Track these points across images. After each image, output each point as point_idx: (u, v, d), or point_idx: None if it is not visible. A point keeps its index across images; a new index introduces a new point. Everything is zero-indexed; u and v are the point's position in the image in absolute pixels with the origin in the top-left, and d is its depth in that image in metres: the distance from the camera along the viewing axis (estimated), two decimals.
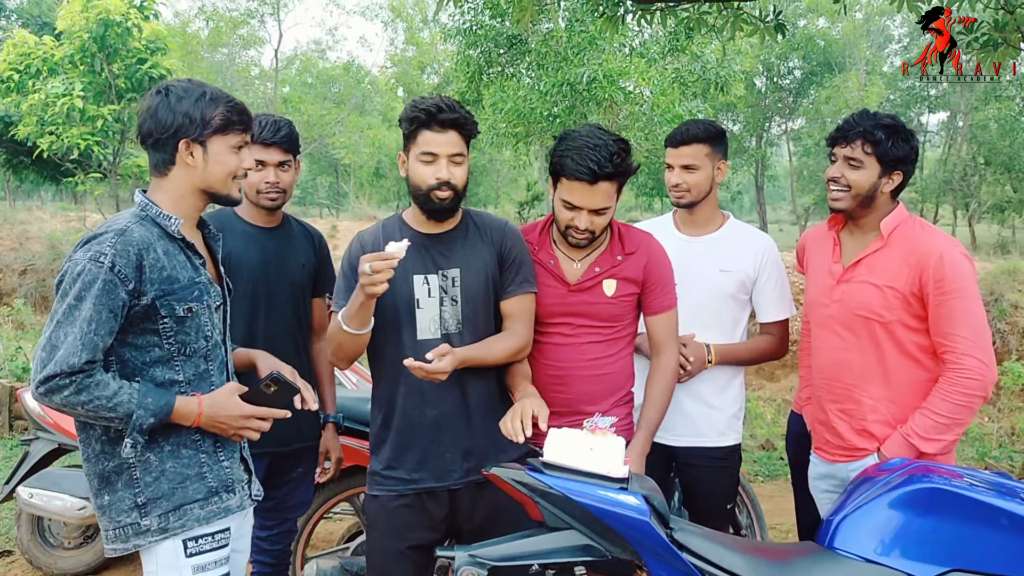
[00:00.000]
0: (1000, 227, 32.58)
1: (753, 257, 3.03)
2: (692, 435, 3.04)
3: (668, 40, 13.72)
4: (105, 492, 2.10)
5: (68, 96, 9.36)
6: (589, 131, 2.48)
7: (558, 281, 2.64)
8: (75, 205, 18.07)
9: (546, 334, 2.67)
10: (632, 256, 2.65)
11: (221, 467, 2.20)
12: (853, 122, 2.64)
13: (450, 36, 15.04)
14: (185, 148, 2.09)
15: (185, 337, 2.11)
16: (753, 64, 23.15)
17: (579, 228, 2.51)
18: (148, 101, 2.13)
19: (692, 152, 2.97)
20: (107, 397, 1.95)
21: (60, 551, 4.22)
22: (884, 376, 2.63)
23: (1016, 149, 27.19)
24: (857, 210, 2.67)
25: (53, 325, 1.96)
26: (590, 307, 2.62)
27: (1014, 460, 6.65)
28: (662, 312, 2.69)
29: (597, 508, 2.02)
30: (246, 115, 2.19)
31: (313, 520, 3.53)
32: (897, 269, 2.58)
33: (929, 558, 2.02)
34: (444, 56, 30.53)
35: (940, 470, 2.24)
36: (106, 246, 1.97)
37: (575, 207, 2.48)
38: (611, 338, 2.66)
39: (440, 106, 2.39)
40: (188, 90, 2.11)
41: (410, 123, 2.41)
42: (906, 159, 2.61)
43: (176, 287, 2.07)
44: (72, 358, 1.91)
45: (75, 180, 10.53)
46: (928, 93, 31.17)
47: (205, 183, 2.15)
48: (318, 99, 32.19)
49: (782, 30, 4.87)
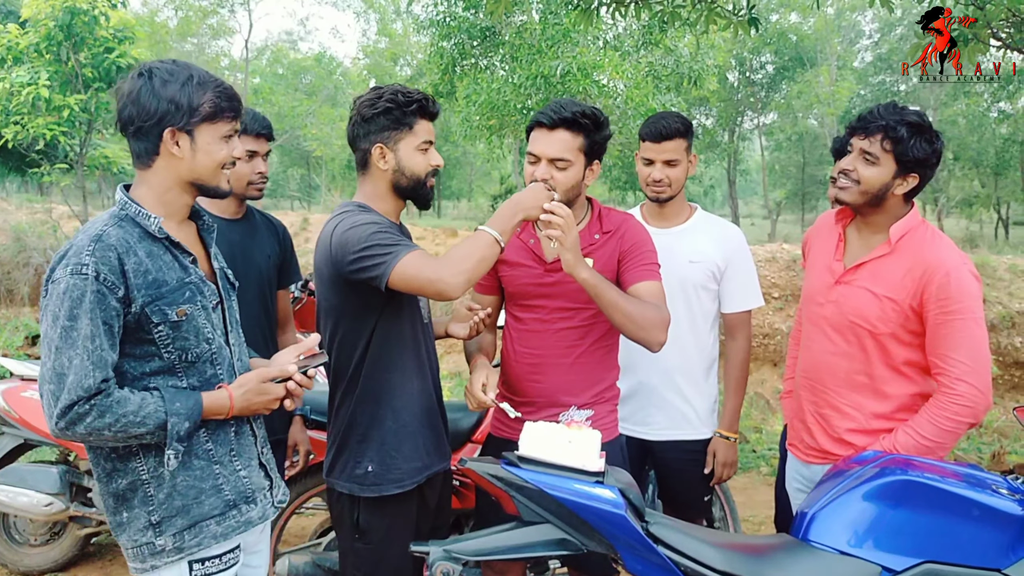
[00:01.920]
0: (968, 221, 33.06)
1: (721, 247, 3.03)
2: (669, 428, 3.05)
3: (642, 33, 13.74)
4: (123, 509, 1.97)
5: (34, 85, 9.20)
6: (560, 99, 2.53)
7: (536, 260, 2.63)
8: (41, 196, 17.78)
9: (522, 319, 2.66)
10: (610, 235, 2.62)
11: (238, 477, 2.07)
12: (877, 114, 2.46)
13: (423, 28, 14.97)
14: (171, 137, 1.92)
15: (184, 343, 1.96)
16: (726, 58, 23.25)
17: (538, 179, 2.46)
18: (129, 84, 1.93)
19: (674, 147, 2.97)
20: (133, 412, 1.82)
21: (27, 548, 4.15)
22: (869, 386, 2.54)
23: (984, 145, 27.57)
24: (863, 207, 2.52)
25: (53, 353, 1.81)
26: (566, 287, 2.55)
27: (982, 452, 6.74)
28: (643, 279, 2.54)
29: (572, 502, 2.02)
30: (236, 100, 2.01)
31: (285, 516, 3.50)
32: (900, 280, 2.44)
33: (902, 550, 2.04)
34: (417, 48, 30.36)
35: (913, 463, 2.25)
36: (84, 256, 1.82)
37: (536, 158, 2.49)
38: (587, 324, 2.60)
39: (428, 96, 2.45)
40: (173, 73, 1.93)
41: (404, 112, 2.39)
42: (926, 162, 2.42)
43: (165, 290, 1.92)
44: (86, 381, 1.78)
45: (41, 171, 10.37)
46: (899, 89, 31.48)
47: (193, 175, 1.98)
48: (289, 90, 31.88)
49: (755, 24, 4.88)
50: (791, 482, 2.86)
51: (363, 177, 2.50)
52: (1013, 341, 9.06)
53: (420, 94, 2.43)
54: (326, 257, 2.36)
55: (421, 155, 2.44)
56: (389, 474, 2.42)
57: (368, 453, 2.43)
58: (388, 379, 2.43)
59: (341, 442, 2.48)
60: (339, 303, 2.41)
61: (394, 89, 2.42)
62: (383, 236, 2.26)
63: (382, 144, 2.41)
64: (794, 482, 2.83)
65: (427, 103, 2.43)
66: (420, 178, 2.45)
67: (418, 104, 2.41)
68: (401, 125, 2.40)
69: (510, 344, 2.71)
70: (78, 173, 10.33)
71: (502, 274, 2.70)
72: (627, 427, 3.02)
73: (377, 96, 2.42)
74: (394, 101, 2.38)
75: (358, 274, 2.26)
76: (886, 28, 30.13)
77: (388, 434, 2.43)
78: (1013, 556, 2.01)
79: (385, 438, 2.43)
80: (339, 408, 2.49)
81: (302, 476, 3.49)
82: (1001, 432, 7.28)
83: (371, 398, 2.43)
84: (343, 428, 2.47)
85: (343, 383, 2.46)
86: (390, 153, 2.42)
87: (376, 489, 2.42)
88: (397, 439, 2.44)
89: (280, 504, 2.23)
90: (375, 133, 2.41)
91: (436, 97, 14.91)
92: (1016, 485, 2.19)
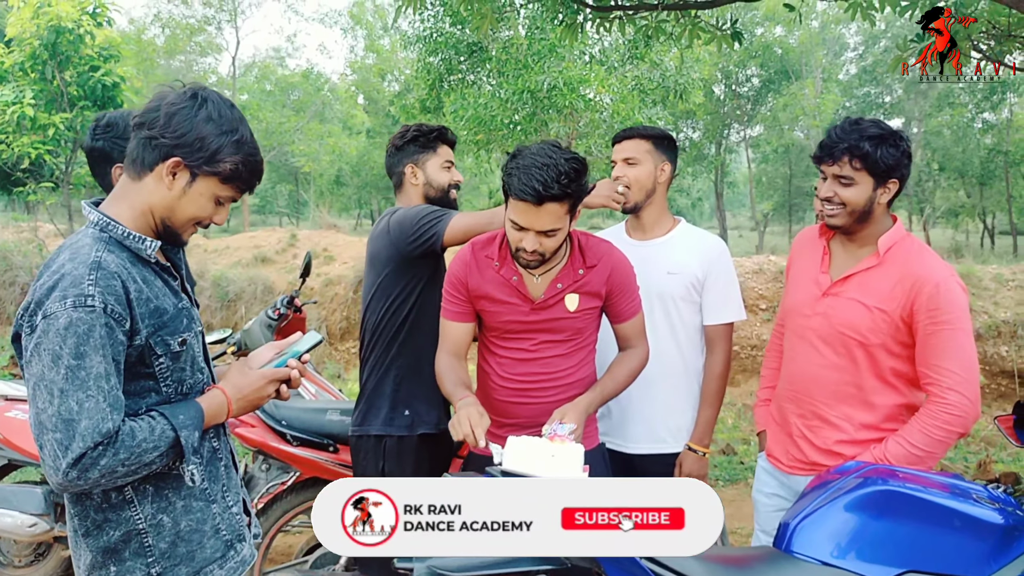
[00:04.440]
0: (954, 232, 33.25)
1: (701, 259, 3.00)
2: (651, 442, 3.04)
3: (627, 48, 13.82)
4: (111, 563, 1.81)
5: (19, 104, 9.15)
6: (540, 149, 2.38)
7: (521, 298, 2.59)
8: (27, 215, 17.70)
9: (507, 348, 2.65)
10: (594, 269, 2.61)
11: (231, 514, 1.98)
12: (837, 137, 2.48)
13: (410, 43, 15.00)
14: (172, 166, 1.76)
15: (181, 374, 1.85)
16: (711, 72, 23.40)
17: (527, 250, 2.42)
18: (175, 97, 1.78)
19: (633, 146, 2.99)
20: (144, 440, 1.69)
21: (10, 570, 4.11)
22: (858, 396, 2.55)
23: (968, 155, 27.76)
24: (854, 225, 2.53)
25: (56, 396, 1.62)
26: (553, 323, 2.60)
27: (969, 461, 6.76)
28: (631, 319, 2.70)
29: None
30: (256, 177, 1.88)
31: (271, 533, 3.48)
32: (890, 291, 2.46)
33: (885, 560, 2.04)
34: (405, 63, 30.39)
35: (895, 473, 2.26)
36: (87, 286, 1.65)
37: (522, 228, 2.40)
38: (573, 349, 2.65)
39: (446, 127, 3.15)
40: (223, 117, 1.78)
41: (429, 138, 3.06)
42: (898, 165, 2.46)
43: (166, 319, 1.80)
44: (104, 425, 1.62)
45: (26, 190, 10.31)
46: (883, 100, 31.70)
47: (168, 212, 1.81)
48: (277, 106, 31.85)
49: (739, 38, 4.92)
50: (761, 487, 2.86)
51: (399, 195, 3.13)
52: (999, 350, 9.09)
53: (440, 126, 3.11)
54: (385, 240, 2.92)
55: (445, 171, 3.08)
56: (421, 418, 2.97)
57: (404, 401, 2.97)
58: (423, 344, 2.89)
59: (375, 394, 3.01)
60: (390, 280, 2.94)
61: (418, 124, 3.12)
62: (433, 209, 2.86)
63: (413, 164, 3.06)
64: (766, 487, 2.83)
65: (446, 132, 3.11)
66: (445, 189, 3.06)
67: (438, 132, 3.09)
68: (427, 148, 3.06)
69: (491, 371, 2.69)
70: (64, 192, 10.29)
71: (483, 309, 2.66)
72: (608, 440, 3.03)
73: (405, 131, 3.11)
74: (420, 131, 3.07)
75: (419, 239, 2.81)
76: (870, 41, 30.40)
77: (420, 387, 2.95)
78: (995, 564, 2.03)
79: (417, 391, 2.97)
80: (375, 367, 3.01)
81: (288, 494, 3.48)
82: (988, 441, 7.30)
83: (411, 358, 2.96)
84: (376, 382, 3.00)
85: (382, 346, 2.99)
86: (420, 171, 3.06)
87: (409, 429, 2.95)
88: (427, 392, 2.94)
89: (257, 539, 2.14)
90: (407, 156, 3.07)
91: (423, 113, 14.98)
92: (997, 494, 2.21)
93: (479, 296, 2.63)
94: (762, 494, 2.86)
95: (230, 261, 12.92)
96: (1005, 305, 9.90)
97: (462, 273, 2.64)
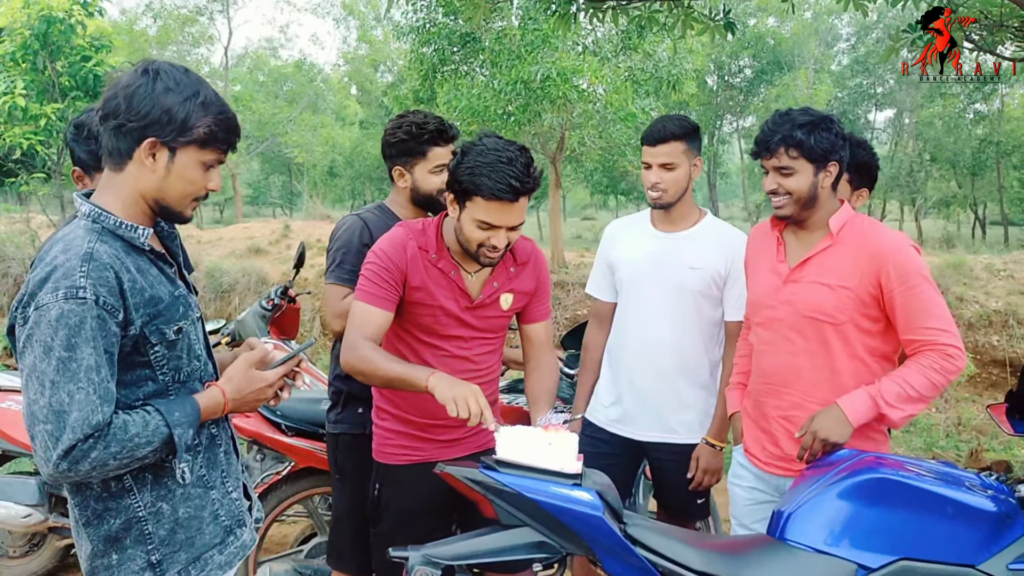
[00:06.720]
0: (946, 222, 33.31)
1: (724, 254, 2.98)
2: (662, 431, 3.03)
3: (620, 38, 13.78)
4: (112, 551, 1.81)
5: (10, 94, 9.12)
6: (495, 144, 2.30)
7: (460, 295, 2.51)
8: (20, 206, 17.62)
9: (437, 345, 2.55)
10: (525, 267, 2.61)
11: (231, 500, 1.98)
12: (770, 130, 2.54)
13: (403, 34, 14.92)
14: (148, 148, 1.73)
15: (177, 362, 1.84)
16: (704, 62, 23.35)
17: (497, 247, 2.35)
18: (128, 78, 1.74)
19: (669, 150, 2.93)
20: (137, 434, 1.68)
21: (5, 560, 4.11)
22: (833, 380, 2.54)
23: (960, 146, 27.83)
24: (802, 212, 2.58)
25: (47, 388, 1.62)
26: (486, 322, 2.56)
27: (960, 450, 6.80)
28: (545, 319, 2.70)
29: (551, 504, 2.02)
30: (235, 133, 1.85)
31: (266, 523, 3.48)
32: (850, 268, 2.49)
33: (878, 547, 2.06)
34: (397, 54, 30.33)
35: (888, 460, 2.28)
36: (78, 277, 1.63)
37: (492, 226, 2.31)
38: (498, 347, 2.66)
39: (443, 126, 2.89)
40: (180, 83, 1.74)
41: (418, 141, 2.87)
42: (834, 148, 2.50)
43: (161, 308, 1.78)
44: (93, 416, 1.62)
45: (18, 180, 10.28)
46: (875, 91, 31.74)
47: (159, 193, 1.79)
48: (270, 97, 31.81)
49: (731, 28, 4.91)
50: (738, 480, 2.83)
51: (392, 187, 3.03)
52: (990, 339, 9.14)
53: (434, 124, 2.86)
54: None
55: (435, 176, 2.89)
56: None
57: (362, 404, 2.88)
58: None
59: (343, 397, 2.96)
60: None
61: (411, 120, 2.89)
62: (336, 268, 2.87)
63: (400, 167, 2.93)
64: (743, 481, 2.81)
65: (440, 133, 2.87)
66: (432, 196, 2.90)
67: (430, 135, 2.86)
68: (415, 153, 2.89)
69: None
70: (56, 183, 10.26)
71: (415, 301, 2.49)
72: (619, 427, 3.08)
73: (397, 126, 2.91)
74: (409, 132, 2.87)
75: None
76: (862, 31, 30.42)
77: None
78: (987, 552, 2.04)
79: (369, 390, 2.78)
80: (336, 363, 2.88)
81: (283, 484, 3.49)
82: (979, 430, 7.34)
83: None
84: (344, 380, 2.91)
85: None
86: (407, 174, 2.94)
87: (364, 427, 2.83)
88: None
89: (258, 523, 2.14)
90: (395, 157, 2.93)
91: (416, 103, 14.93)
92: (989, 481, 2.23)
93: (416, 287, 2.47)
94: (739, 487, 2.84)
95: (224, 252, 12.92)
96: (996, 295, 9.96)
97: (400, 259, 2.45)
